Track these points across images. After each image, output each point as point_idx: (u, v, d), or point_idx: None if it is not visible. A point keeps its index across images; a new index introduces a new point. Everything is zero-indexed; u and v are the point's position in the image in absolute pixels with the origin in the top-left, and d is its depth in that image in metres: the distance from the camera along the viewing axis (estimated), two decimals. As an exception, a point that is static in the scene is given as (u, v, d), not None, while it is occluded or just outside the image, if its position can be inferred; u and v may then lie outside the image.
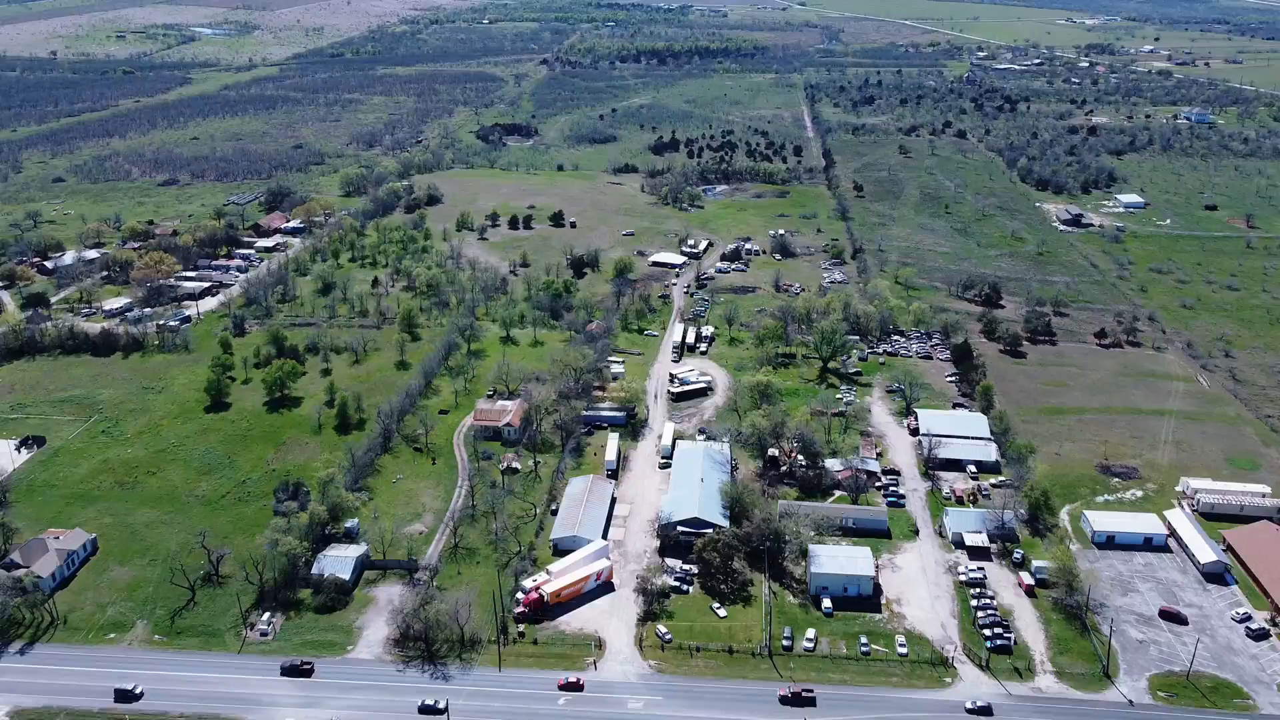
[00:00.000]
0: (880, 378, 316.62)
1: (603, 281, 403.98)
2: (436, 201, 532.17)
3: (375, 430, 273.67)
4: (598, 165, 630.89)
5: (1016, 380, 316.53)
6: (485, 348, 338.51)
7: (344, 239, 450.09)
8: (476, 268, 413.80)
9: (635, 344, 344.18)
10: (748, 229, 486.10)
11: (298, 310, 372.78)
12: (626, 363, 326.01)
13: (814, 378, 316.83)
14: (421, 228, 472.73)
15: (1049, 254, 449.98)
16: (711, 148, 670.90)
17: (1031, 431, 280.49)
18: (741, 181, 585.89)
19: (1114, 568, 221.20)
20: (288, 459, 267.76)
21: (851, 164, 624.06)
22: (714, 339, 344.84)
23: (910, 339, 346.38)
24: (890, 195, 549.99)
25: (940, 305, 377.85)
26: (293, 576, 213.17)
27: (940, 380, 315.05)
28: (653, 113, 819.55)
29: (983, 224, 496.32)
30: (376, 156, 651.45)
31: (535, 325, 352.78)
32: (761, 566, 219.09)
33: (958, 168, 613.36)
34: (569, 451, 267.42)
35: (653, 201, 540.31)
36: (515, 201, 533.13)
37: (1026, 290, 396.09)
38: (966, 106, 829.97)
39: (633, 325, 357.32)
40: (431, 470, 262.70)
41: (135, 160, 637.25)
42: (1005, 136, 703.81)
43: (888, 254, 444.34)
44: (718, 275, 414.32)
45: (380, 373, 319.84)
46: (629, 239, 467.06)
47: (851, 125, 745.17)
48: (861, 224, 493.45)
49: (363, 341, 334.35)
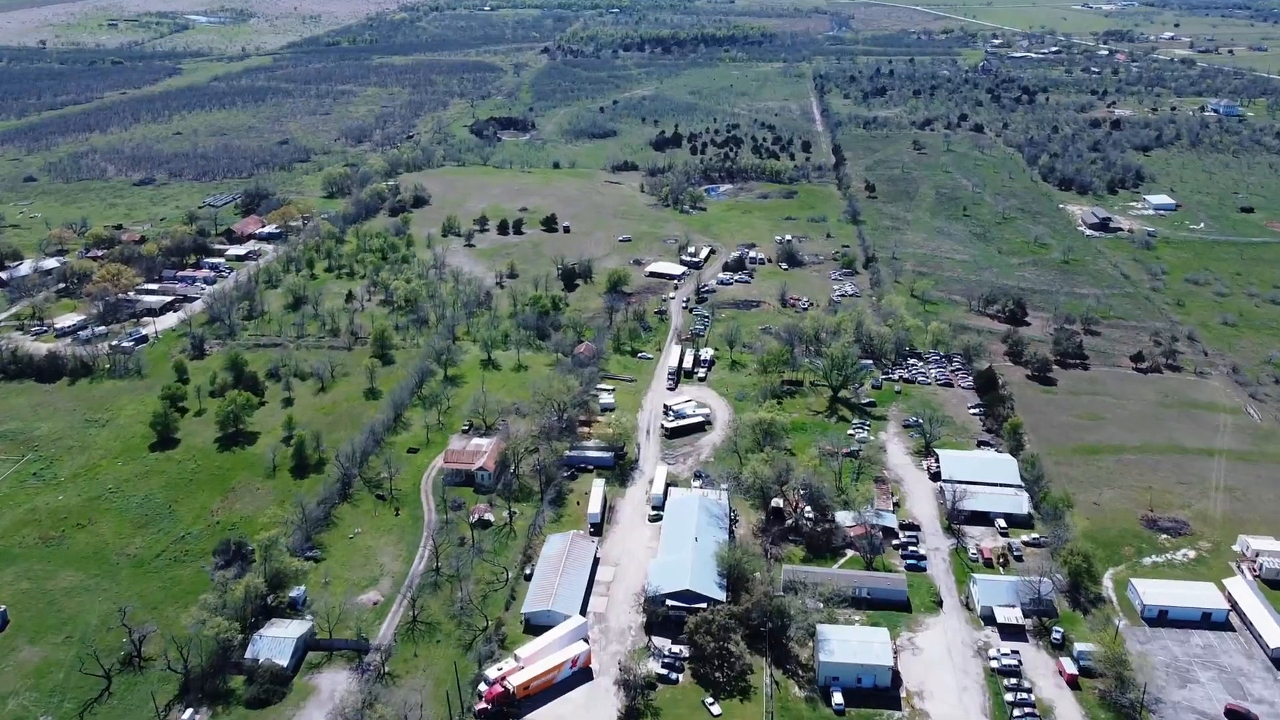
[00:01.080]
0: (896, 409, 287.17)
1: (595, 295, 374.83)
2: (423, 203, 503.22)
3: (333, 475, 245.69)
4: (596, 162, 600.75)
5: (1046, 413, 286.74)
6: (464, 372, 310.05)
7: (320, 247, 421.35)
8: (460, 279, 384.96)
9: (628, 368, 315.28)
10: (752, 234, 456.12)
11: (264, 329, 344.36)
12: (617, 390, 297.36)
13: (823, 409, 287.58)
14: (404, 233, 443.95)
15: (1076, 262, 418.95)
16: (715, 143, 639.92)
17: (1066, 475, 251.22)
18: (746, 180, 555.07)
19: (1168, 650, 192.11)
20: (235, 508, 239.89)
21: (863, 161, 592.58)
22: (713, 363, 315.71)
23: (928, 363, 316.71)
24: (904, 196, 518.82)
25: (960, 323, 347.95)
26: (223, 662, 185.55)
27: (962, 412, 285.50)
28: (655, 105, 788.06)
29: (1003, 228, 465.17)
30: (364, 153, 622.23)
31: (519, 346, 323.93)
32: (762, 648, 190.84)
33: (975, 165, 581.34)
34: (548, 502, 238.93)
35: (652, 203, 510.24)
36: (507, 203, 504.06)
37: (1054, 305, 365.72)
38: (982, 98, 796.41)
39: (625, 346, 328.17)
40: (394, 523, 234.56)
41: (112, 157, 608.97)
42: (1024, 130, 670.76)
43: (902, 262, 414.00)
44: (719, 287, 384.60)
45: (347, 403, 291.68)
46: (625, 245, 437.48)
47: (862, 118, 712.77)
48: (874, 228, 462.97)
49: (330, 366, 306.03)
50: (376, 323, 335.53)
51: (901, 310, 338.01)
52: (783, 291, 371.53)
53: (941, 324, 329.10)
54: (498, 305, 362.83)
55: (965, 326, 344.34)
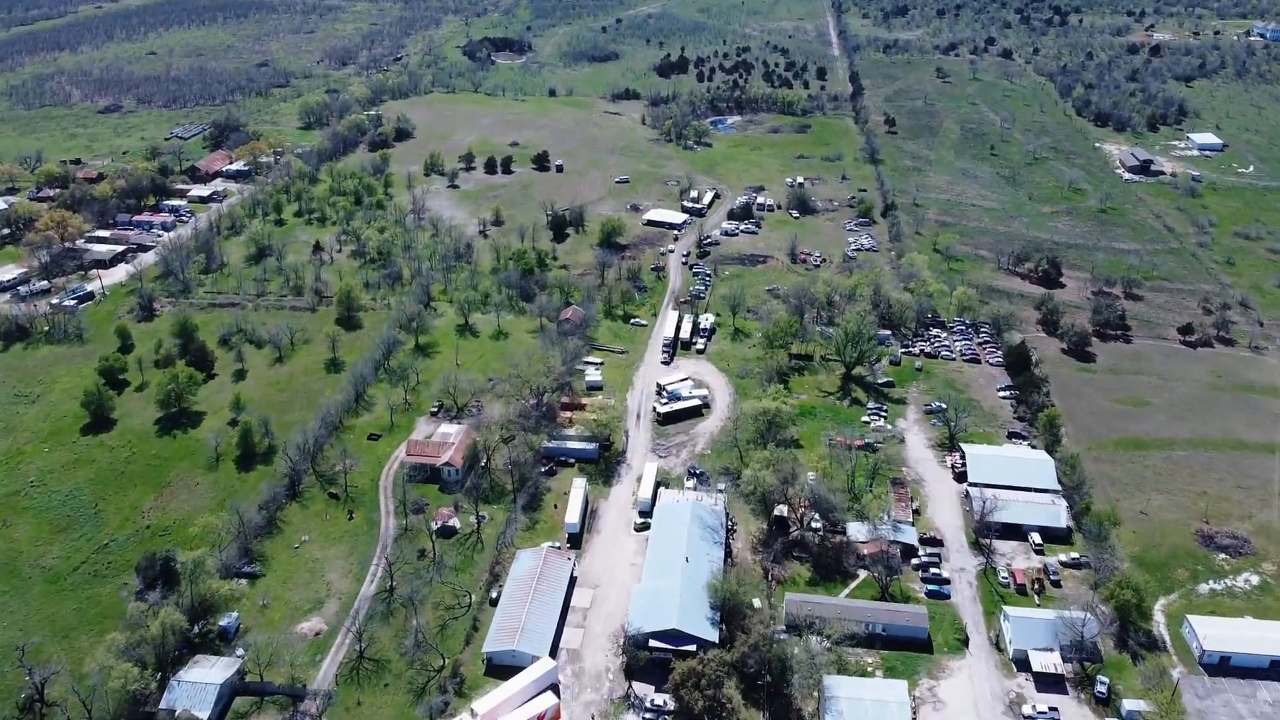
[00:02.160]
0: (916, 391, 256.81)
1: (587, 247, 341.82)
2: (407, 136, 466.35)
3: (281, 470, 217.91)
4: (595, 89, 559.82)
5: (1085, 395, 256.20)
6: (437, 340, 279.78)
7: (290, 188, 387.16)
8: (440, 228, 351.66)
9: (619, 336, 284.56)
10: (761, 174, 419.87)
11: (222, 285, 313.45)
12: (606, 364, 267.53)
13: (834, 389, 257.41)
14: (383, 172, 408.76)
15: (1114, 211, 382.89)
16: (724, 68, 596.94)
17: (1108, 476, 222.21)
18: (756, 112, 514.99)
19: (1232, 709, 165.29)
20: (169, 508, 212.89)
21: (882, 90, 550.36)
22: (714, 331, 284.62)
23: (953, 333, 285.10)
24: (927, 131, 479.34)
25: (988, 283, 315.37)
26: (134, 714, 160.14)
27: (991, 395, 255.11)
28: (661, 24, 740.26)
29: (1034, 170, 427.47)
30: (348, 77, 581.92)
31: (500, 310, 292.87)
32: (759, 698, 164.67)
33: (1003, 96, 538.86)
34: (521, 506, 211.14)
35: (654, 137, 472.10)
36: (497, 136, 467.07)
37: (1091, 264, 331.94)
38: (1011, 19, 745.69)
39: (618, 310, 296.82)
40: (347, 529, 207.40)
41: (79, 80, 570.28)
42: (1056, 56, 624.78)
43: (924, 210, 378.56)
44: (723, 239, 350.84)
45: (305, 376, 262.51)
46: (623, 188, 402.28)
47: (882, 41, 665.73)
48: (893, 169, 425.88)
49: (290, 332, 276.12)
50: (344, 281, 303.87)
51: (924, 272, 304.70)
52: (793, 245, 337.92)
53: (968, 289, 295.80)
54: (479, 259, 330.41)
55: (994, 289, 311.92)
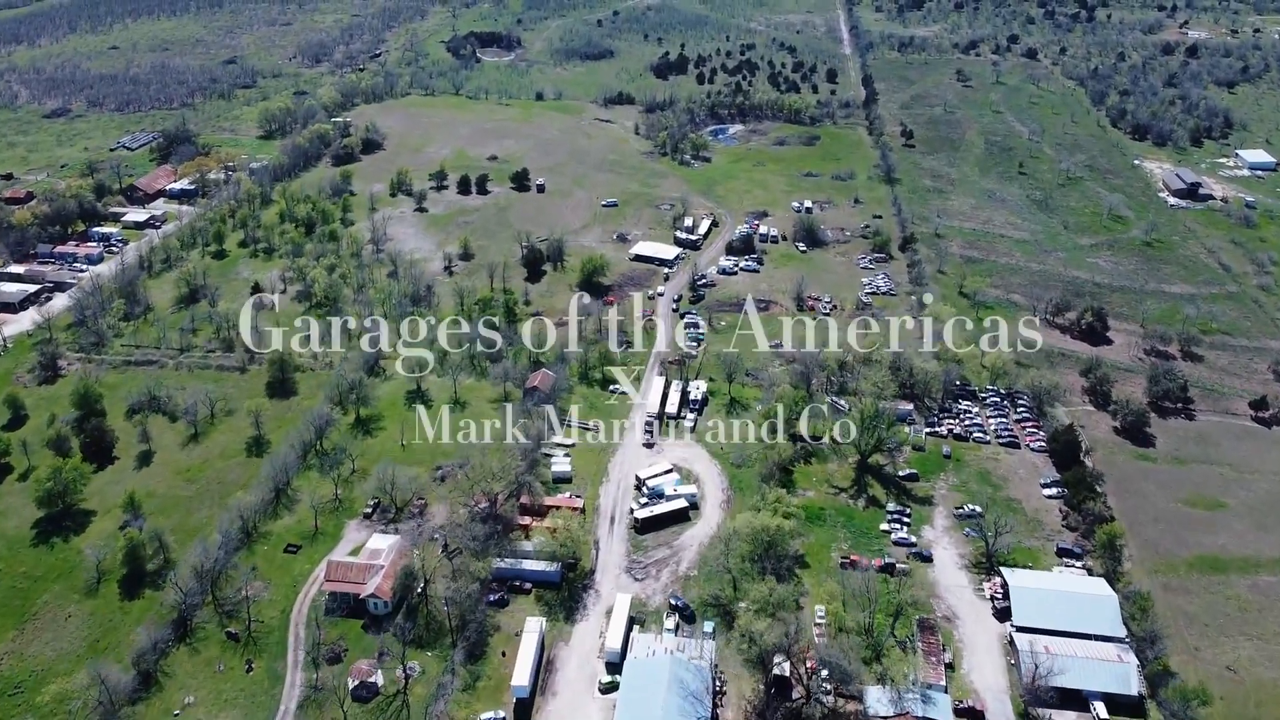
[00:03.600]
0: (945, 487, 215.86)
1: (565, 287, 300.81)
2: (376, 148, 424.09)
3: (170, 601, 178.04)
4: (587, 92, 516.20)
5: (1146, 493, 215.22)
6: (382, 412, 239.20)
7: (235, 213, 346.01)
8: (400, 262, 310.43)
9: (596, 407, 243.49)
10: (764, 196, 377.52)
11: (143, 334, 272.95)
12: (579, 445, 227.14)
13: (847, 483, 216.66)
14: (344, 193, 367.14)
15: (1161, 245, 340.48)
16: (727, 69, 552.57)
17: (1183, 612, 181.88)
18: (760, 120, 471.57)
19: None
20: (29, 651, 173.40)
21: (897, 95, 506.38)
22: (706, 402, 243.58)
23: (986, 405, 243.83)
24: (948, 145, 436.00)
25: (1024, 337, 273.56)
26: None
27: (1034, 492, 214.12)
28: (661, 17, 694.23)
29: (1069, 193, 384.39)
30: (320, 76, 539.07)
31: (459, 372, 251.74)
32: None
33: (1030, 104, 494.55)
34: (462, 655, 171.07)
35: (647, 150, 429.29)
36: (475, 148, 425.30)
37: (1140, 312, 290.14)
38: (1034, 13, 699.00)
39: (595, 373, 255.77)
40: (243, 685, 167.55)
41: (29, 79, 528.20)
42: (1085, 57, 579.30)
43: (947, 241, 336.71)
44: (720, 278, 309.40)
45: (222, 460, 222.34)
46: (610, 213, 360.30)
47: (897, 38, 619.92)
48: (911, 190, 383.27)
49: (210, 402, 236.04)
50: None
51: (949, 331, 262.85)
52: (799, 288, 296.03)
53: (1002, 352, 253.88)
54: (440, 304, 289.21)
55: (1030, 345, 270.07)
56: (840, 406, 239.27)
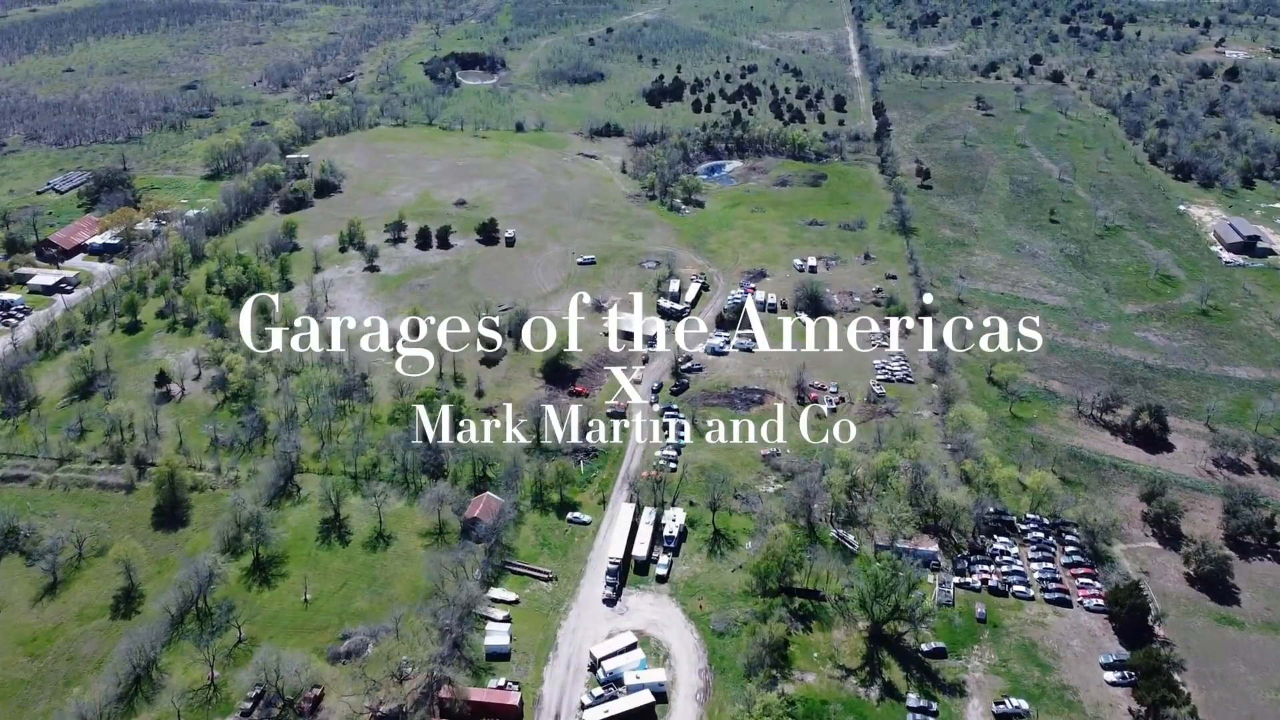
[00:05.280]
0: (980, 666, 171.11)
1: (526, 371, 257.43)
2: (332, 190, 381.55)
3: None
4: (572, 121, 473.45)
5: (1235, 679, 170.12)
6: (287, 551, 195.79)
7: (157, 274, 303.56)
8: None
9: (549, 544, 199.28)
10: (763, 250, 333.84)
11: (22, 435, 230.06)
12: (523, 602, 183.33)
13: (857, 661, 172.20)
14: (286, 249, 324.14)
15: (1219, 314, 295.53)
16: (725, 95, 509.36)
17: None
18: (761, 155, 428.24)
19: None
20: None
21: (912, 125, 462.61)
22: (684, 538, 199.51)
23: (1027, 543, 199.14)
24: (969, 186, 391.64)
25: (1067, 443, 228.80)
26: None
27: (1092, 676, 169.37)
28: (658, 35, 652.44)
29: (1108, 246, 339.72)
30: (284, 104, 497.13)
31: (386, 495, 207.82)
32: None
33: (1058, 136, 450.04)
34: None
35: (634, 193, 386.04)
36: (443, 190, 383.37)
37: (1205, 409, 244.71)
38: (1057, 30, 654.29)
39: (552, 496, 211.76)
40: None
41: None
42: (1115, 80, 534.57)
43: (972, 308, 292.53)
44: (709, 360, 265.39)
45: (78, 625, 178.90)
46: (587, 272, 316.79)
47: (910, 59, 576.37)
48: (929, 243, 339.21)
49: (77, 539, 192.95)
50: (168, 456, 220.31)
51: (982, 443, 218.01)
52: (800, 376, 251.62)
53: (1046, 475, 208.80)
54: (377, 397, 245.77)
55: (1078, 455, 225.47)
56: (849, 544, 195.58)
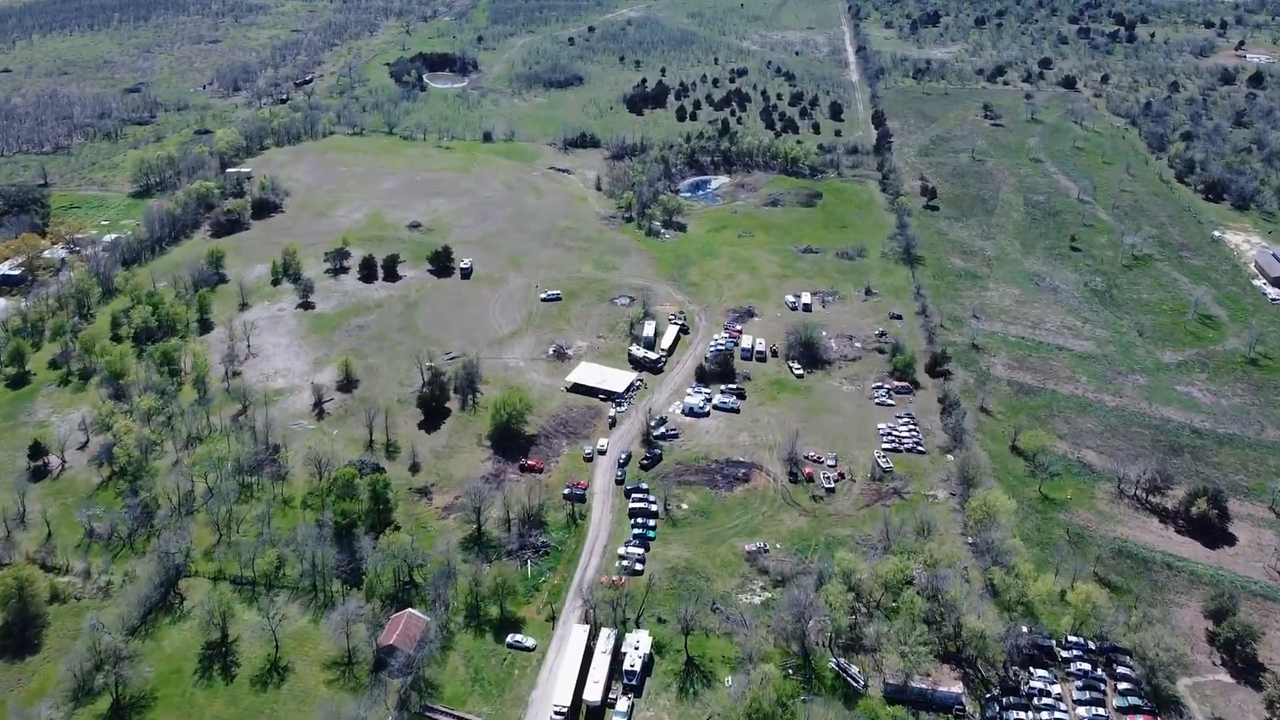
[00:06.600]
0: None
1: (472, 439, 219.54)
2: (273, 210, 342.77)
3: None
4: (545, 130, 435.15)
5: None
6: (155, 689, 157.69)
7: (56, 314, 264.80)
8: (252, 398, 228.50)
9: (483, 679, 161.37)
10: (751, 283, 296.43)
11: None
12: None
13: None
14: (212, 282, 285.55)
15: (1270, 363, 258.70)
16: (712, 101, 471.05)
17: None
18: (750, 170, 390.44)
19: None
20: None
21: (915, 137, 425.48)
22: (650, 668, 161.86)
23: (1070, 676, 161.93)
24: (979, 207, 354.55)
25: (1109, 533, 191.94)
26: None
27: None
28: (642, 34, 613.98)
29: (1137, 279, 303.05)
30: (234, 109, 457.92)
31: (284, 608, 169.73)
32: None
33: (1074, 149, 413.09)
34: None
35: (609, 214, 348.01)
36: (397, 210, 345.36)
37: (1269, 489, 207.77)
38: (1066, 31, 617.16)
39: (490, 614, 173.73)
40: None
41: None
42: (1131, 87, 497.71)
43: (989, 356, 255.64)
44: (686, 422, 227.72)
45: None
46: (551, 310, 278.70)
47: (911, 62, 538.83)
48: (937, 274, 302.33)
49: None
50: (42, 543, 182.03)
51: (1012, 541, 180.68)
52: (792, 447, 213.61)
53: (1091, 590, 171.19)
54: (291, 473, 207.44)
55: (1124, 549, 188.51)
56: (853, 679, 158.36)
